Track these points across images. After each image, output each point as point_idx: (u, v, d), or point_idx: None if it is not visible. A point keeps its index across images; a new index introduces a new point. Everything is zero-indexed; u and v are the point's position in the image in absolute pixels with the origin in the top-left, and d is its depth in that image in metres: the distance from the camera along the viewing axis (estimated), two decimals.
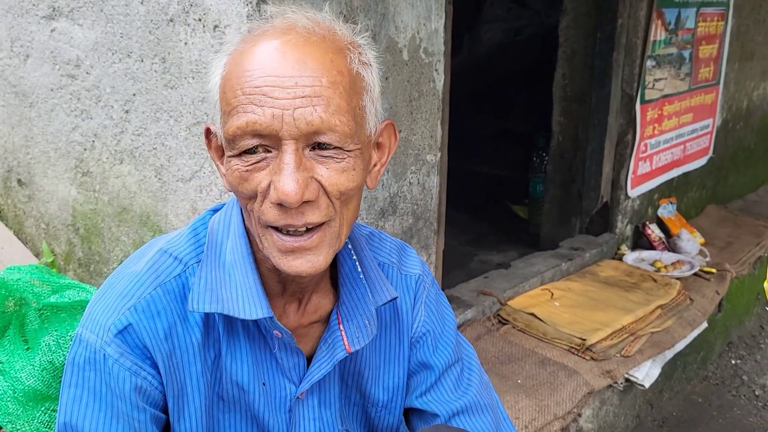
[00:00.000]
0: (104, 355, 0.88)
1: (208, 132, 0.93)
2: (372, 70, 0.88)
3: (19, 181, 2.39)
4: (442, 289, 2.51)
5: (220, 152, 0.92)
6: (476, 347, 2.37)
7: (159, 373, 0.90)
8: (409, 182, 2.10)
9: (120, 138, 1.97)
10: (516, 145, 4.93)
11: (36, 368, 1.85)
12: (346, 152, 0.83)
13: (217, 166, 0.93)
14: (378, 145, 0.94)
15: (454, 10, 2.18)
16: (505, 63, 5.54)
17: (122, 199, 2.02)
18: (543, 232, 3.41)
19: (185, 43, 1.74)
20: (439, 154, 2.20)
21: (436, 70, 2.10)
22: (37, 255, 2.36)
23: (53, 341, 1.86)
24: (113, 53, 1.91)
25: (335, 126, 0.80)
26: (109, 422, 0.89)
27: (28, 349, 1.93)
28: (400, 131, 2.02)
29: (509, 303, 2.63)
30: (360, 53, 0.87)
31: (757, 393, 2.96)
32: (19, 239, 2.42)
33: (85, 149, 2.09)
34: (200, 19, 1.69)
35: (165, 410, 0.94)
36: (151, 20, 1.79)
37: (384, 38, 1.89)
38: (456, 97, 2.81)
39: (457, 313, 2.46)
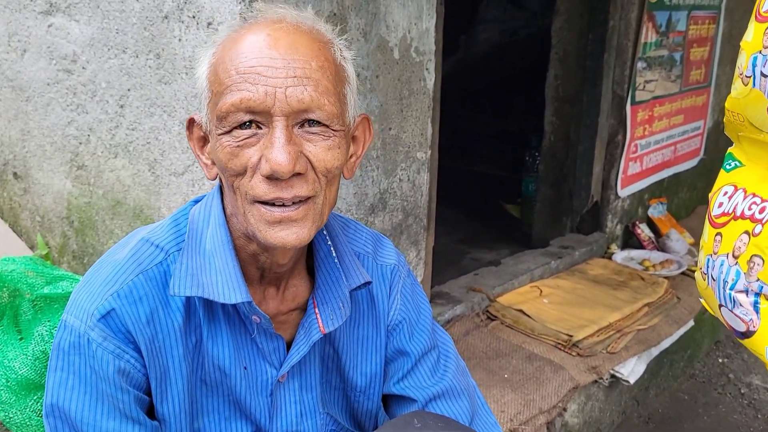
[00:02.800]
0: (88, 339, 0.91)
1: (191, 123, 0.97)
2: (350, 66, 0.95)
3: (14, 174, 2.42)
4: (433, 286, 2.56)
5: (203, 142, 0.96)
6: (464, 342, 2.41)
7: (141, 356, 0.93)
8: (399, 179, 2.14)
9: (115, 132, 2.01)
10: (511, 145, 4.98)
11: (29, 358, 1.88)
12: (333, 131, 0.89)
13: (197, 156, 0.97)
14: (354, 138, 0.99)
15: (449, 10, 2.21)
16: (501, 63, 5.58)
17: (116, 193, 2.05)
18: (534, 231, 3.44)
19: (179, 40, 1.77)
20: (429, 152, 2.23)
21: (427, 69, 2.13)
22: (32, 247, 2.39)
23: (46, 331, 1.89)
24: (109, 49, 1.95)
25: (324, 105, 0.86)
26: (94, 403, 0.92)
27: (21, 339, 1.96)
28: (390, 128, 2.05)
29: (498, 300, 2.66)
30: (340, 49, 0.94)
31: (742, 391, 3.00)
32: (14, 232, 2.45)
33: (80, 143, 2.12)
34: (194, 16, 1.72)
35: (148, 392, 0.97)
36: (146, 17, 1.83)
37: (375, 37, 1.93)
38: (452, 97, 2.85)
39: (446, 309, 2.50)
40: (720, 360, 3.27)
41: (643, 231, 3.40)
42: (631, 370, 2.44)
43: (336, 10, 1.80)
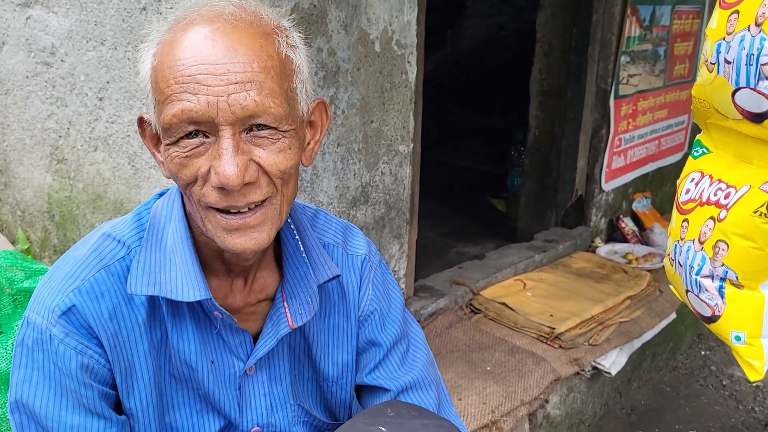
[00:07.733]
0: (50, 335, 0.91)
1: (141, 121, 0.95)
2: (300, 52, 0.90)
3: None
4: (417, 280, 2.56)
5: (155, 140, 0.94)
6: (448, 335, 2.42)
7: (105, 351, 0.93)
8: (381, 172, 2.14)
9: (94, 125, 1.99)
10: (497, 140, 4.99)
11: (8, 352, 1.87)
12: (281, 132, 0.86)
13: (153, 154, 0.95)
14: (311, 124, 0.96)
15: (436, 4, 2.21)
16: (488, 58, 5.59)
17: (96, 186, 2.04)
18: (519, 225, 3.46)
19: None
20: (411, 145, 2.23)
21: (409, 62, 2.13)
22: (13, 242, 2.37)
23: None
24: (87, 41, 1.93)
25: (269, 108, 0.83)
26: (59, 399, 0.92)
27: (1, 333, 1.95)
28: (372, 121, 2.05)
29: (482, 293, 2.67)
30: (287, 36, 0.89)
31: (724, 383, 3.03)
32: None
33: (60, 137, 2.11)
34: (172, 8, 1.71)
35: (114, 387, 0.96)
36: (124, 8, 1.81)
37: (356, 30, 1.93)
38: (439, 91, 2.85)
39: (429, 303, 2.50)
40: (702, 352, 3.30)
41: (627, 225, 3.42)
42: (613, 362, 2.45)
43: (316, 2, 1.79)
